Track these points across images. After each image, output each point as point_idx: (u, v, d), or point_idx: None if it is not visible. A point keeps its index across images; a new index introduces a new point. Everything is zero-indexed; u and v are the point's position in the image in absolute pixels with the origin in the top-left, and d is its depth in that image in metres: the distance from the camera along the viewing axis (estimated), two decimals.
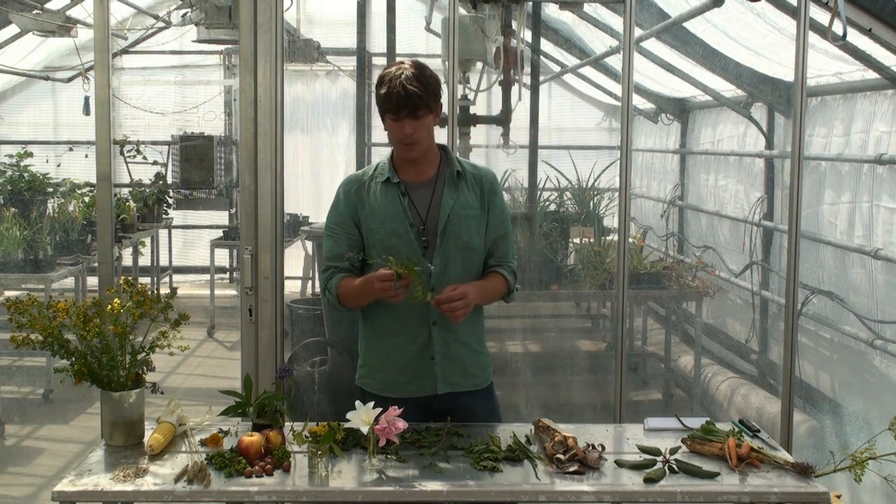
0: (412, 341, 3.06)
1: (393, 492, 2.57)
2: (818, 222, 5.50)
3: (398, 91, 2.89)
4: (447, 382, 3.08)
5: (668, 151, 8.77)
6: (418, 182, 3.07)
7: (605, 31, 6.87)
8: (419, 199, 3.06)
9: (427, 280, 2.95)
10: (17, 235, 6.64)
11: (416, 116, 2.93)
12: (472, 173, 3.11)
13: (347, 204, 3.09)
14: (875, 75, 4.75)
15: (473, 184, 3.10)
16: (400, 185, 3.05)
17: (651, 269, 6.32)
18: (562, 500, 2.59)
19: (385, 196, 3.05)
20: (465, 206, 3.05)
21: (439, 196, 3.06)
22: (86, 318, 2.83)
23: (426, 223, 3.04)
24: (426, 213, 3.05)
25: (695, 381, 6.36)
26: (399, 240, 3.01)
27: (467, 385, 3.13)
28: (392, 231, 3.02)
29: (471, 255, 3.07)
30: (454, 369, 3.09)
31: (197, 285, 10.22)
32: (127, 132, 9.26)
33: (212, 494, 2.57)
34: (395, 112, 2.92)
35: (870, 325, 4.81)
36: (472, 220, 3.06)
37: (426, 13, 6.87)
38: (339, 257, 3.09)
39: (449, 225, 3.03)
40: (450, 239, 3.03)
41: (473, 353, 3.14)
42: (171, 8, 8.83)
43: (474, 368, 3.14)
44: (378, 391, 3.11)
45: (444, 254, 3.02)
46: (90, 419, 6.02)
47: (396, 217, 3.02)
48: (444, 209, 3.03)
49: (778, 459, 2.77)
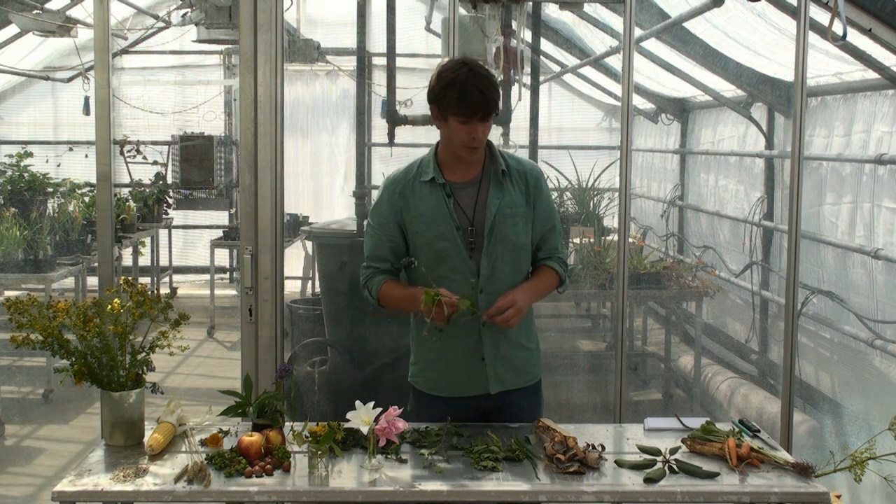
0: (462, 342, 3.04)
1: (393, 492, 2.57)
2: (819, 222, 5.50)
3: (475, 94, 2.84)
4: (499, 382, 3.07)
5: (668, 151, 8.77)
6: (464, 182, 3.03)
7: (605, 31, 6.87)
8: (464, 199, 3.02)
9: (474, 297, 2.95)
10: (17, 235, 6.64)
11: (486, 120, 2.90)
12: (517, 169, 3.07)
13: (391, 206, 3.04)
14: (875, 75, 4.75)
15: (518, 180, 3.05)
16: (445, 187, 3.01)
17: (651, 269, 6.32)
18: (562, 500, 2.59)
19: (430, 197, 3.01)
20: (511, 205, 3.01)
21: (485, 196, 3.02)
22: (86, 318, 2.83)
23: (473, 224, 3.00)
24: (472, 213, 3.01)
25: (695, 381, 6.36)
26: (446, 243, 2.99)
27: (519, 382, 3.12)
28: (439, 234, 2.99)
29: (519, 254, 3.05)
30: (506, 368, 3.08)
31: (197, 285, 10.22)
32: (127, 132, 9.26)
33: (212, 494, 2.57)
34: (468, 115, 2.86)
35: (870, 325, 4.81)
36: (519, 218, 3.03)
37: (426, 13, 6.88)
38: (380, 259, 3.08)
39: (496, 225, 2.99)
40: (497, 239, 3.00)
41: (525, 351, 3.13)
42: (171, 8, 8.83)
43: (526, 365, 3.14)
44: (428, 390, 3.12)
45: (491, 254, 2.99)
46: (90, 419, 6.02)
47: (443, 220, 2.99)
48: (490, 210, 3.00)
49: (778, 459, 2.77)
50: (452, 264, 2.99)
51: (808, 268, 5.52)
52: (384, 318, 4.84)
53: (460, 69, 2.89)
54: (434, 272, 2.98)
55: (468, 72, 2.87)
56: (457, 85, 2.85)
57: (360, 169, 5.52)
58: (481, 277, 2.98)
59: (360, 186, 5.31)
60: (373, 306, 3.14)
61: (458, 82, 2.85)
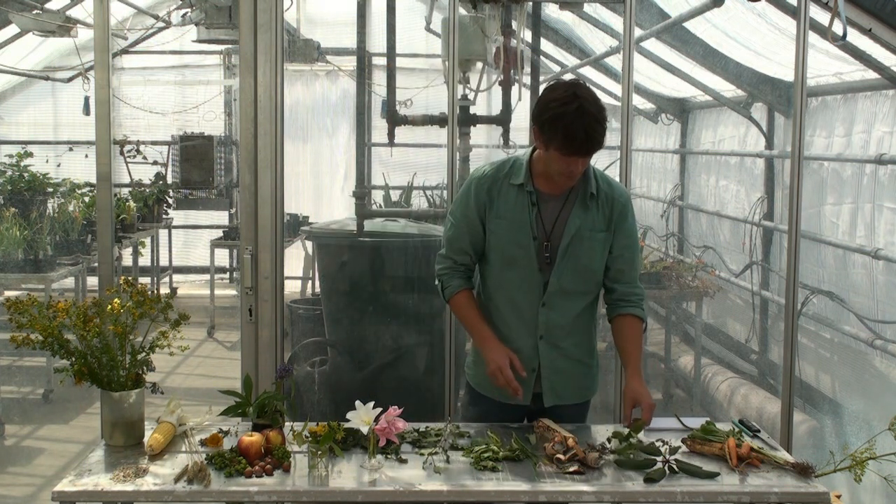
0: (518, 351, 3.01)
1: (393, 492, 2.57)
2: (820, 222, 5.50)
3: (581, 135, 2.74)
4: (555, 395, 3.07)
5: (668, 151, 8.77)
6: (551, 193, 2.98)
7: (605, 31, 6.87)
8: (548, 212, 2.98)
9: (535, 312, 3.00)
10: (17, 235, 6.64)
11: (588, 156, 2.84)
12: (606, 192, 3.01)
13: (477, 200, 3.01)
14: (875, 75, 4.75)
15: (604, 204, 2.99)
16: (532, 196, 2.97)
17: (651, 269, 6.32)
18: (562, 500, 2.59)
19: (515, 202, 2.98)
20: (591, 228, 2.97)
21: (567, 213, 2.97)
22: (86, 318, 2.83)
23: (550, 239, 2.97)
24: (552, 228, 2.98)
25: (695, 381, 6.36)
26: (520, 251, 2.97)
27: (575, 398, 3.12)
28: (515, 241, 2.97)
29: (590, 276, 3.03)
30: (562, 382, 3.07)
31: (197, 285, 10.22)
32: (127, 132, 9.26)
33: (212, 494, 2.57)
34: (571, 154, 2.78)
35: (870, 326, 4.80)
36: (597, 242, 2.99)
37: (426, 13, 6.86)
38: (459, 251, 3.08)
39: (571, 246, 2.96)
40: (570, 259, 2.97)
41: (583, 367, 3.12)
42: (171, 8, 8.82)
43: (584, 381, 3.13)
44: (483, 391, 3.14)
45: (561, 272, 2.97)
46: (90, 419, 6.02)
47: (523, 227, 2.97)
48: (570, 229, 2.96)
49: (778, 459, 2.77)
50: (521, 273, 2.98)
51: (809, 268, 5.52)
52: (384, 318, 4.85)
53: (570, 104, 2.75)
54: (503, 275, 3.00)
55: (577, 109, 2.73)
56: (564, 121, 2.74)
57: (360, 169, 5.52)
58: (547, 293, 2.97)
59: (360, 186, 5.30)
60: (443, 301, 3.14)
61: (567, 119, 2.73)
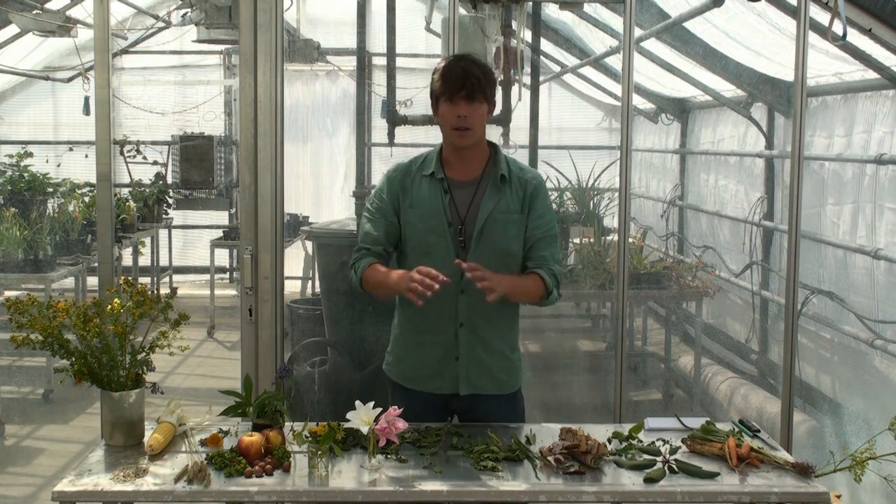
0: (438, 340, 3.05)
1: (393, 492, 2.57)
2: (820, 223, 5.50)
3: (457, 71, 2.93)
4: (470, 384, 3.07)
5: (668, 151, 8.77)
6: (462, 180, 3.05)
7: (605, 31, 6.87)
8: (460, 198, 3.03)
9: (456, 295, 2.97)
10: (17, 235, 6.65)
11: (471, 100, 2.93)
12: (518, 175, 3.07)
13: (391, 192, 3.07)
14: (875, 75, 4.75)
15: (518, 187, 3.06)
16: (443, 182, 3.03)
17: (651, 269, 6.32)
18: (562, 500, 2.59)
19: (428, 191, 3.04)
20: (504, 210, 3.02)
21: (480, 197, 3.03)
22: (86, 318, 2.83)
23: (464, 223, 3.01)
24: (465, 213, 3.02)
25: (695, 381, 6.36)
26: (436, 238, 3.00)
27: (492, 389, 3.10)
28: (430, 228, 3.01)
29: (508, 260, 3.04)
30: (479, 372, 3.07)
31: (197, 285, 10.22)
32: (127, 132, 9.26)
33: (212, 494, 2.57)
34: (452, 93, 2.93)
35: (870, 326, 4.80)
36: (511, 224, 3.03)
37: (426, 13, 6.86)
38: (373, 241, 3.09)
39: (485, 228, 3.00)
40: (486, 242, 3.00)
41: (503, 359, 3.11)
42: (171, 8, 8.83)
43: (502, 374, 3.12)
44: (400, 381, 3.14)
45: (478, 256, 2.98)
46: (90, 419, 6.02)
47: (436, 215, 3.01)
48: (483, 212, 3.01)
49: (778, 459, 2.77)
50: (438, 260, 2.97)
51: (809, 268, 5.52)
52: (385, 318, 4.83)
53: (450, 58, 3.08)
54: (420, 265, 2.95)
55: (455, 58, 3.04)
56: (440, 69, 2.99)
57: (360, 169, 5.52)
58: (465, 279, 2.94)
59: (360, 186, 5.30)
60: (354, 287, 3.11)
61: (443, 66, 3.00)
